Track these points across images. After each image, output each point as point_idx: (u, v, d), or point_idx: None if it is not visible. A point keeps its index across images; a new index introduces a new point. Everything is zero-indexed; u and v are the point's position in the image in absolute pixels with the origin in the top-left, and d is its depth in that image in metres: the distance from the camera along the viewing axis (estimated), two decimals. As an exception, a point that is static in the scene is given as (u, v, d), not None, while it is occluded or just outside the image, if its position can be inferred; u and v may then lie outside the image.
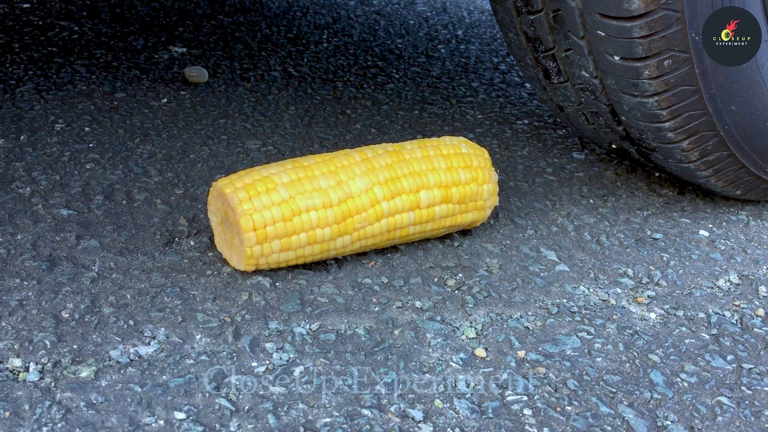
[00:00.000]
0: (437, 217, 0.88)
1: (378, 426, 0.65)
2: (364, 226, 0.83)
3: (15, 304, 0.74)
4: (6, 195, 0.93)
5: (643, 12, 0.80)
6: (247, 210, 0.77)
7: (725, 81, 0.88)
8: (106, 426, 0.62)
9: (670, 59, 0.84)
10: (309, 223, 0.80)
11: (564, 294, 0.87)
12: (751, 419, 0.70)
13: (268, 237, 0.78)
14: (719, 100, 0.90)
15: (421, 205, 0.86)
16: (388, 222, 0.84)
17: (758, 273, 0.95)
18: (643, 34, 0.81)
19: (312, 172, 0.82)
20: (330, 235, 0.81)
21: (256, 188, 0.79)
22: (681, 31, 0.82)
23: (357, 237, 0.83)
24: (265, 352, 0.72)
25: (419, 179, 0.86)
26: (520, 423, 0.67)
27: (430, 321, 0.79)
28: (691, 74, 0.86)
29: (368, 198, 0.83)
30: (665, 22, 0.81)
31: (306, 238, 0.80)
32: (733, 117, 0.93)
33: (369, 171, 0.84)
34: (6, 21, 1.53)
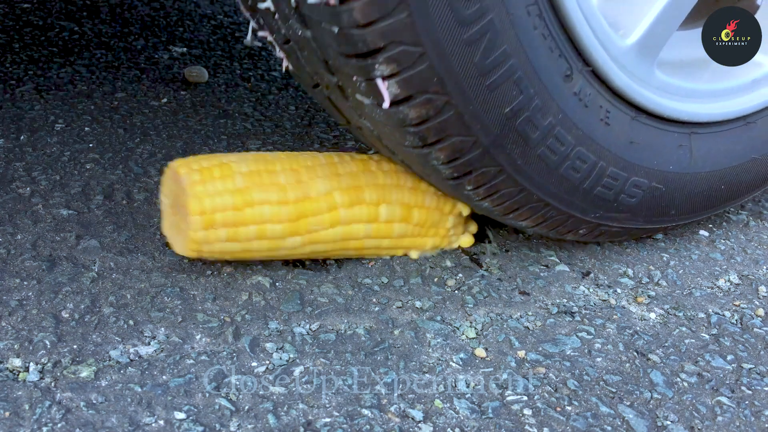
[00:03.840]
0: (395, 235, 0.85)
1: (378, 426, 0.65)
2: (318, 230, 0.80)
3: (15, 304, 0.74)
4: (6, 195, 0.93)
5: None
6: (198, 192, 0.75)
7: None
8: (106, 426, 0.62)
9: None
10: (260, 216, 0.77)
11: (564, 294, 0.87)
12: (751, 419, 0.70)
13: (215, 224, 0.75)
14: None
15: (380, 219, 0.83)
16: (343, 230, 0.81)
17: (758, 273, 0.95)
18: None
19: (273, 166, 0.79)
20: (281, 233, 0.78)
21: (212, 173, 0.76)
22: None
23: (309, 240, 0.80)
24: (265, 352, 0.72)
25: (382, 192, 0.83)
26: (520, 423, 0.67)
27: (430, 321, 0.79)
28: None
29: (326, 202, 0.80)
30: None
31: (255, 232, 0.77)
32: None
33: (332, 175, 0.81)
34: (6, 21, 1.53)
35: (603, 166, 0.83)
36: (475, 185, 0.79)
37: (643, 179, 0.87)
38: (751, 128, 0.95)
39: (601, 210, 0.87)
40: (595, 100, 0.80)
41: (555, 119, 0.77)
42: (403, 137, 0.74)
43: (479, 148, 0.74)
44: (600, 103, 0.80)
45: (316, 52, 0.70)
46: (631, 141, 0.84)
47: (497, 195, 0.81)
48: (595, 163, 0.82)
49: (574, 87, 0.77)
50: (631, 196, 0.87)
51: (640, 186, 0.87)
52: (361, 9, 0.61)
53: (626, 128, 0.83)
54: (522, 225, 0.87)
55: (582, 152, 0.80)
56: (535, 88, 0.74)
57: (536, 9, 0.71)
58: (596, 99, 0.80)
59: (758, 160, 0.96)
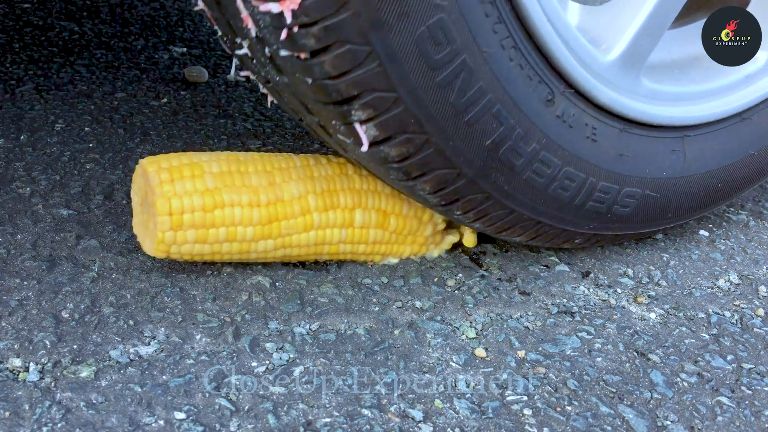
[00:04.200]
0: (371, 241, 0.83)
1: (378, 426, 0.65)
2: (291, 233, 0.78)
3: (15, 304, 0.74)
4: (6, 195, 0.93)
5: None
6: (166, 192, 0.73)
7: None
8: (106, 426, 0.62)
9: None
10: (231, 218, 0.75)
11: (564, 294, 0.87)
12: (751, 419, 0.70)
13: (183, 225, 0.74)
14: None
15: (355, 224, 0.81)
16: (317, 234, 0.80)
17: (758, 273, 0.95)
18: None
19: (246, 167, 0.77)
20: (252, 236, 0.77)
21: (182, 172, 0.74)
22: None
23: (281, 244, 0.79)
24: (265, 352, 0.72)
25: (358, 197, 0.81)
26: (520, 423, 0.67)
27: (430, 321, 0.79)
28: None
29: (299, 205, 0.78)
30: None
31: (225, 234, 0.76)
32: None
33: (306, 178, 0.79)
34: (6, 21, 1.53)
35: (593, 181, 0.82)
36: (464, 210, 0.79)
37: (636, 189, 0.86)
38: (747, 124, 0.94)
39: (595, 222, 0.87)
40: (579, 119, 0.79)
41: (539, 144, 0.76)
42: (387, 172, 0.75)
43: (464, 178, 0.75)
44: (585, 121, 0.80)
45: (295, 95, 0.71)
46: (621, 153, 0.83)
47: (487, 218, 0.81)
48: (584, 180, 0.82)
49: (556, 110, 0.77)
50: (624, 206, 0.87)
51: (634, 196, 0.86)
52: (331, 62, 0.62)
53: (615, 142, 0.83)
54: (516, 240, 0.87)
55: (570, 172, 0.80)
56: (516, 118, 0.74)
57: (511, 42, 0.70)
58: (581, 118, 0.79)
59: (755, 155, 0.96)
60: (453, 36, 0.65)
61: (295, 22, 0.60)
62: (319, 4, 0.59)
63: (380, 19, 0.61)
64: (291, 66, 0.65)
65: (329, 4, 0.59)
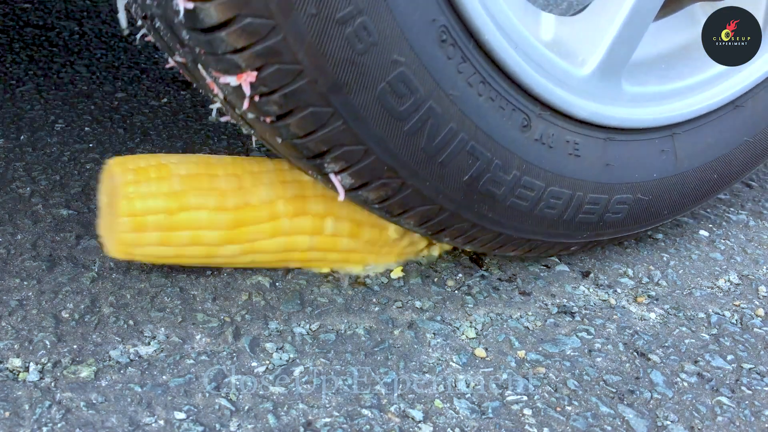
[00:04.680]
0: (342, 249, 0.81)
1: (378, 426, 0.65)
2: (258, 239, 0.76)
3: (15, 304, 0.74)
4: (6, 195, 0.93)
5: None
6: (130, 193, 0.72)
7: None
8: (106, 426, 0.62)
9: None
10: (196, 222, 0.73)
11: (564, 294, 0.87)
12: (751, 419, 0.70)
13: (146, 226, 0.72)
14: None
15: (325, 232, 0.79)
16: (285, 241, 0.78)
17: (758, 273, 0.95)
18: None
19: (215, 170, 0.76)
20: (217, 240, 0.75)
21: (148, 173, 0.73)
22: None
23: (248, 249, 0.77)
24: (265, 352, 0.72)
25: (330, 205, 0.78)
26: (520, 423, 0.67)
27: (430, 321, 0.79)
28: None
29: (268, 211, 0.76)
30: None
31: (189, 238, 0.74)
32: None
33: (277, 183, 0.77)
34: (6, 21, 1.53)
35: (580, 196, 0.82)
36: (452, 237, 0.80)
37: (626, 195, 0.85)
38: (741, 111, 0.92)
39: (587, 231, 0.86)
40: (560, 137, 0.78)
41: (519, 171, 0.76)
42: (371, 211, 0.75)
43: (447, 212, 0.75)
44: (566, 138, 0.79)
45: (272, 147, 0.71)
46: (607, 164, 0.82)
47: (477, 241, 0.81)
48: (571, 196, 0.81)
49: (534, 134, 0.76)
50: (616, 213, 0.86)
51: (625, 202, 0.86)
52: (296, 123, 0.63)
53: (599, 153, 0.82)
54: (511, 254, 0.87)
55: (555, 191, 0.80)
56: (492, 151, 0.73)
57: (478, 77, 0.70)
58: (561, 136, 0.78)
59: (751, 141, 0.94)
60: (415, 86, 0.65)
61: (255, 92, 0.61)
62: (275, 75, 0.60)
63: (338, 82, 0.61)
64: (260, 127, 0.65)
65: (285, 75, 0.60)
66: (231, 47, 0.58)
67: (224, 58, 0.59)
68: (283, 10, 0.56)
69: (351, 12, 0.59)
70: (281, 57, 0.58)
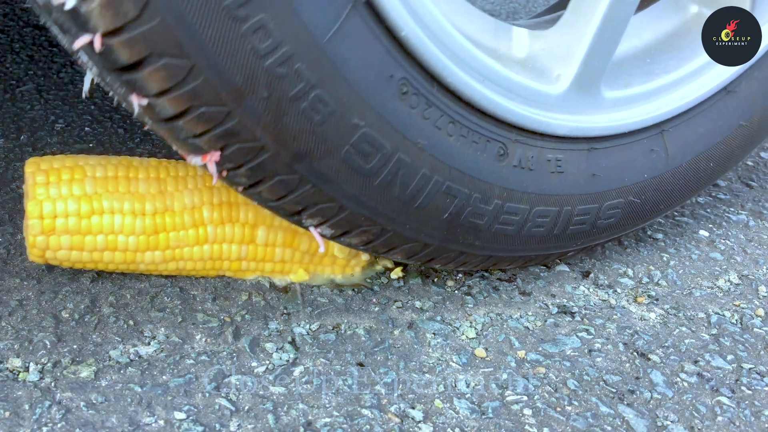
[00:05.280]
0: (277, 260, 0.79)
1: (378, 426, 0.65)
2: (181, 246, 0.74)
3: (15, 304, 0.74)
4: (6, 195, 0.93)
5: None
6: (39, 195, 0.70)
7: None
8: (106, 426, 0.62)
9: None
10: (110, 226, 0.71)
11: (564, 294, 0.87)
12: (751, 419, 0.70)
13: (56, 230, 0.70)
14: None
15: (257, 241, 0.76)
16: (212, 249, 0.75)
17: (758, 273, 0.95)
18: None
19: (135, 173, 0.73)
20: (135, 246, 0.72)
21: (60, 175, 0.71)
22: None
23: (171, 256, 0.74)
24: (265, 352, 0.72)
25: (262, 213, 0.76)
26: (520, 423, 0.67)
27: (430, 321, 0.79)
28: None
29: (191, 217, 0.73)
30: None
31: (104, 243, 0.71)
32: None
33: (204, 188, 0.75)
34: (6, 21, 1.53)
35: (568, 210, 0.81)
36: (444, 263, 0.80)
37: (617, 200, 0.84)
38: (734, 96, 0.89)
39: (581, 240, 0.85)
40: (540, 158, 0.77)
41: (501, 200, 0.75)
42: (358, 250, 0.76)
43: (432, 246, 0.75)
44: (547, 157, 0.77)
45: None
46: (593, 174, 0.81)
47: (470, 264, 0.81)
48: (558, 212, 0.80)
49: (512, 161, 0.75)
50: (609, 218, 0.85)
51: (617, 206, 0.85)
52: (268, 190, 0.64)
53: (584, 164, 0.80)
54: (508, 268, 0.87)
55: (540, 210, 0.79)
56: (470, 186, 0.73)
57: (446, 119, 0.69)
58: (542, 156, 0.77)
59: (747, 125, 0.92)
60: (381, 143, 0.65)
61: (222, 168, 0.62)
62: (238, 153, 0.60)
63: (300, 153, 0.62)
64: (239, 191, 0.66)
65: (247, 152, 0.60)
66: (191, 133, 0.59)
67: (187, 142, 0.60)
68: (235, 97, 0.57)
69: (303, 88, 0.59)
70: (240, 137, 0.59)
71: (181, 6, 0.52)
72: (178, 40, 0.53)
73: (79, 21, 0.52)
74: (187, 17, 0.52)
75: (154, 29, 0.52)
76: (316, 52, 0.58)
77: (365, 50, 0.61)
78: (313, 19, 0.57)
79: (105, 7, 0.50)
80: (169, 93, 0.56)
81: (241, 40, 0.55)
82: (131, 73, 0.55)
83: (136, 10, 0.51)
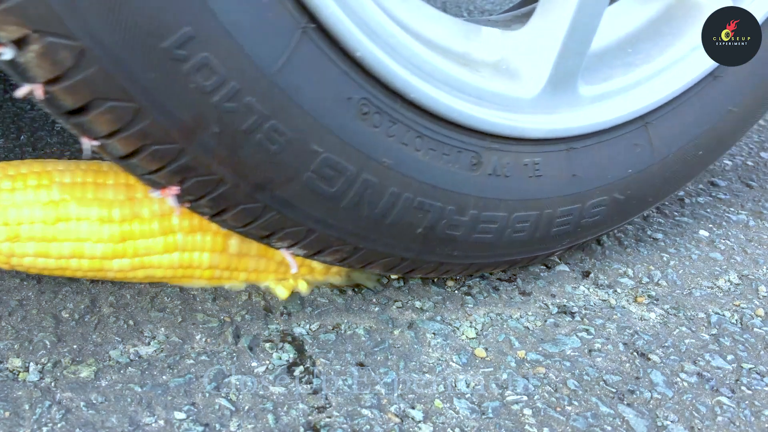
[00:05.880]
0: (251, 269, 0.77)
1: (378, 426, 0.65)
2: (150, 254, 0.72)
3: (15, 304, 0.74)
4: (6, 195, 0.93)
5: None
6: (4, 201, 0.68)
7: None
8: (106, 426, 0.62)
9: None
10: (76, 233, 0.69)
11: (564, 294, 0.87)
12: (751, 419, 0.70)
13: (20, 236, 0.68)
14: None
15: (229, 250, 0.75)
16: (180, 257, 0.73)
17: (758, 273, 0.95)
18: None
19: (104, 179, 0.71)
20: (103, 254, 0.70)
21: (26, 181, 0.69)
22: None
23: (140, 264, 0.72)
24: (265, 352, 0.72)
25: None
26: (520, 423, 0.67)
27: (430, 321, 0.79)
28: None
29: (160, 225, 0.71)
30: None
31: (70, 250, 0.70)
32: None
33: None
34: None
35: (549, 213, 0.78)
36: (425, 273, 0.79)
37: (601, 197, 0.81)
38: (722, 81, 0.86)
39: (566, 240, 0.83)
40: (516, 163, 0.74)
41: (477, 209, 0.73)
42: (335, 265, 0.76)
43: (409, 259, 0.74)
44: (524, 162, 0.75)
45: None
46: (574, 174, 0.78)
47: (450, 272, 0.80)
48: (539, 216, 0.78)
49: (486, 169, 0.73)
50: (594, 216, 0.83)
51: (601, 204, 0.82)
52: (233, 218, 0.64)
53: (563, 165, 0.78)
54: (495, 271, 0.86)
55: (520, 216, 0.77)
56: (443, 199, 0.71)
57: (414, 134, 0.67)
58: (518, 161, 0.75)
59: (736, 111, 0.88)
60: (343, 166, 0.64)
61: (183, 200, 0.62)
62: (196, 187, 0.60)
63: (261, 182, 0.61)
64: (206, 219, 0.66)
65: (206, 185, 0.60)
66: (146, 170, 0.59)
67: (144, 177, 0.60)
68: (186, 135, 0.56)
69: (257, 121, 0.58)
70: (197, 171, 0.59)
71: (117, 51, 0.51)
72: (120, 84, 0.52)
73: (18, 71, 0.51)
74: (125, 62, 0.52)
75: (93, 75, 0.51)
76: (266, 83, 0.57)
77: (320, 75, 0.60)
78: (260, 51, 0.56)
79: (41, 57, 0.50)
80: (119, 134, 0.55)
81: (185, 80, 0.54)
82: (78, 117, 0.54)
83: (72, 59, 0.50)
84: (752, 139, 1.36)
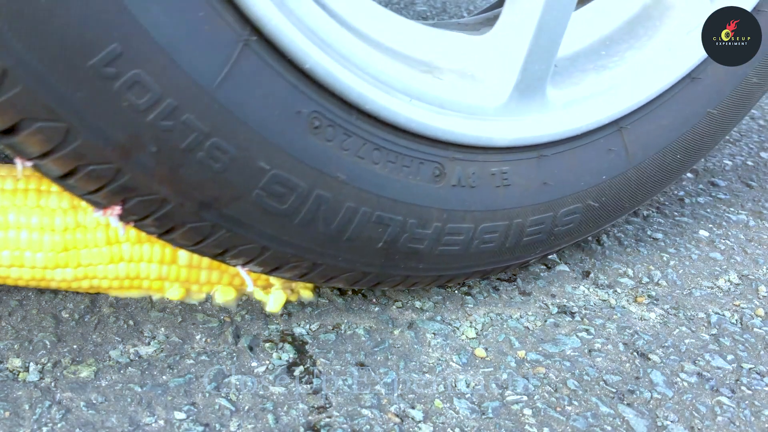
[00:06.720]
0: (203, 281, 0.76)
1: (378, 426, 0.65)
2: (94, 264, 0.70)
3: (15, 304, 0.74)
4: (6, 195, 0.93)
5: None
6: None
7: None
8: (106, 426, 0.62)
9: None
10: (16, 242, 0.67)
11: (564, 294, 0.87)
12: (751, 419, 0.70)
13: None
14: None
15: (180, 262, 0.73)
16: (127, 268, 0.71)
17: (758, 273, 0.95)
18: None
19: (47, 185, 0.69)
20: (44, 263, 0.68)
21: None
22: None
23: (84, 274, 0.70)
24: (265, 352, 0.72)
25: None
26: (520, 423, 0.67)
27: (430, 321, 0.79)
28: None
29: (105, 234, 0.69)
30: None
31: (9, 259, 0.68)
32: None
33: None
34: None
35: (519, 222, 0.76)
36: (392, 286, 0.77)
37: (575, 205, 0.79)
38: (699, 83, 0.83)
39: (540, 248, 0.81)
40: (483, 173, 0.72)
41: (441, 222, 0.71)
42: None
43: (372, 273, 0.72)
44: (491, 171, 0.72)
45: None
46: (544, 182, 0.76)
47: (419, 284, 0.78)
48: (508, 226, 0.75)
49: (451, 180, 0.70)
50: (567, 224, 0.80)
51: (574, 212, 0.79)
52: (182, 236, 0.63)
53: (533, 174, 0.75)
54: (466, 281, 0.83)
55: (488, 227, 0.74)
56: (403, 213, 0.68)
57: (370, 146, 0.65)
58: (484, 170, 0.72)
59: (715, 113, 0.86)
60: (294, 182, 0.61)
61: (126, 221, 0.60)
62: (139, 206, 0.59)
63: (206, 200, 0.59)
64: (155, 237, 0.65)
65: (149, 204, 0.59)
66: (85, 190, 0.57)
67: (84, 197, 0.59)
68: (122, 154, 0.54)
69: (197, 138, 0.56)
70: (138, 191, 0.57)
71: (41, 70, 0.49)
72: (47, 104, 0.51)
73: None
74: (50, 81, 0.50)
75: (19, 95, 0.50)
76: (206, 99, 0.55)
77: (265, 89, 0.57)
78: (197, 67, 0.54)
79: None
80: (52, 155, 0.54)
81: (117, 98, 0.52)
82: (9, 138, 0.53)
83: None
84: (752, 139, 1.36)
